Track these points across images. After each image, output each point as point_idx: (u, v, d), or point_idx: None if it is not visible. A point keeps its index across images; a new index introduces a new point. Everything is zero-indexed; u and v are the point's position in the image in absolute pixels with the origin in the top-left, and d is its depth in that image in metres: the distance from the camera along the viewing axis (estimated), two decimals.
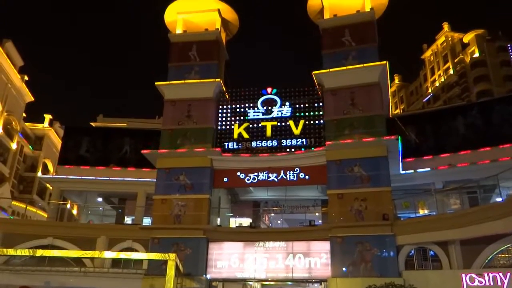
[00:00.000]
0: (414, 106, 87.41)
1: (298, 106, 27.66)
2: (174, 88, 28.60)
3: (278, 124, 27.46)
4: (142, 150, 27.39)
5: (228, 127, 28.07)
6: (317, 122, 27.03)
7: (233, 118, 28.27)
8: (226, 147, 27.32)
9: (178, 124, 27.93)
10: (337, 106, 26.09)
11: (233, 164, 26.77)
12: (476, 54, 75.02)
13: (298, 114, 27.43)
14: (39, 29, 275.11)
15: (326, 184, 24.96)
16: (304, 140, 26.66)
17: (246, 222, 28.60)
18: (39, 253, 20.44)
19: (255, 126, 27.75)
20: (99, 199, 31.55)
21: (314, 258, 23.63)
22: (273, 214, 30.28)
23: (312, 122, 27.11)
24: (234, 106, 28.58)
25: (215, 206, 27.12)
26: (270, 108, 28.00)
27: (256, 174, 26.40)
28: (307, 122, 27.09)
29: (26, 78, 52.54)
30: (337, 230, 23.21)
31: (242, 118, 28.14)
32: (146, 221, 27.92)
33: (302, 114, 27.41)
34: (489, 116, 26.65)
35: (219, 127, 28.15)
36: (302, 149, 26.25)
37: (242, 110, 28.38)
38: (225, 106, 28.66)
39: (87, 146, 31.67)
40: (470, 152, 25.64)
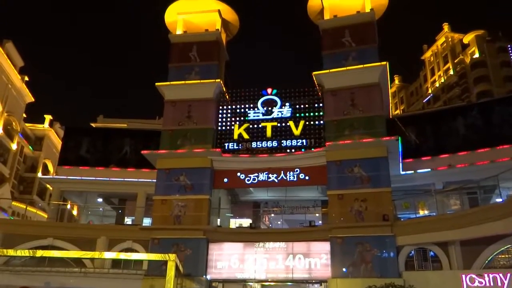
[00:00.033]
0: (414, 107, 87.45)
1: (298, 106, 27.67)
2: (175, 88, 28.61)
3: (278, 124, 27.47)
4: (142, 150, 27.41)
5: (228, 128, 28.08)
6: (317, 122, 27.04)
7: (233, 119, 28.29)
8: (226, 148, 27.33)
9: (178, 124, 27.95)
10: (337, 106, 26.10)
11: (233, 164, 26.78)
12: (476, 55, 75.04)
13: (298, 115, 27.45)
14: (39, 29, 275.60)
15: (326, 184, 24.97)
16: (304, 140, 26.67)
17: (246, 222, 28.65)
18: (39, 253, 20.41)
19: (255, 126, 27.76)
20: (99, 200, 31.55)
21: (314, 259, 23.62)
22: (273, 215, 30.30)
23: (312, 122, 27.12)
24: (234, 107, 28.59)
25: (215, 207, 27.13)
26: (270, 108, 28.01)
27: (256, 174, 26.41)
28: (307, 123, 27.10)
29: (27, 78, 52.54)
30: (337, 230, 23.21)
31: (242, 118, 28.15)
32: (146, 221, 27.91)
33: (302, 114, 27.42)
34: (489, 116, 26.68)
35: (219, 128, 28.17)
36: (302, 149, 26.26)
37: (242, 110, 28.39)
38: (225, 107, 28.68)
39: (87, 147, 31.68)
40: (470, 152, 25.65)
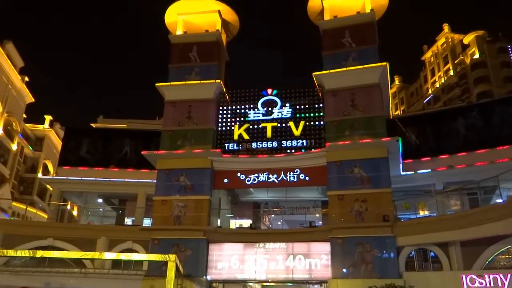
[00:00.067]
0: (415, 107, 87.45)
1: (298, 107, 27.68)
2: (175, 89, 28.62)
3: (279, 125, 27.47)
4: (142, 151, 27.42)
5: (228, 128, 28.08)
6: (317, 123, 27.05)
7: (233, 119, 28.29)
8: (226, 148, 27.32)
9: (178, 125, 27.95)
10: (337, 107, 26.10)
11: (233, 165, 26.77)
12: (476, 55, 75.05)
13: (298, 115, 27.45)
14: (40, 30, 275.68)
15: (327, 185, 24.96)
16: (304, 141, 26.66)
17: (246, 223, 28.63)
18: (39, 254, 20.38)
19: (256, 127, 27.76)
20: (99, 200, 31.55)
21: (314, 259, 23.61)
22: (273, 215, 30.25)
23: (312, 123, 27.13)
24: (234, 107, 28.60)
25: (215, 207, 27.12)
26: (270, 109, 28.01)
27: (256, 175, 26.40)
28: (308, 123, 27.11)
29: (27, 79, 52.52)
30: (337, 231, 23.19)
31: (242, 119, 28.16)
32: (146, 222, 27.91)
33: (303, 115, 27.43)
34: (489, 117, 26.68)
35: (220, 128, 28.17)
36: (303, 150, 26.26)
37: (243, 111, 28.40)
38: (225, 107, 28.68)
39: (88, 147, 31.68)
40: (470, 153, 25.66)
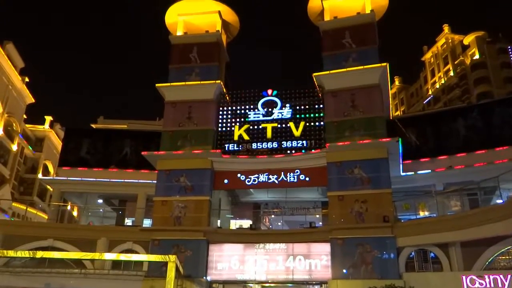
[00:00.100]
0: (415, 108, 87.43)
1: (298, 107, 27.68)
2: (175, 89, 28.63)
3: (279, 125, 27.47)
4: (143, 151, 27.43)
5: (228, 129, 28.09)
6: (317, 123, 27.05)
7: (233, 120, 28.30)
8: (226, 149, 27.33)
9: (178, 125, 27.95)
10: (337, 108, 26.10)
11: (233, 165, 26.78)
12: (476, 56, 75.08)
13: (298, 116, 27.46)
14: (40, 30, 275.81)
15: (327, 186, 24.96)
16: (304, 141, 26.67)
17: (246, 223, 28.60)
18: (39, 254, 20.36)
19: (256, 127, 27.77)
20: (100, 201, 31.58)
21: (314, 260, 23.61)
22: (273, 216, 30.24)
23: (312, 123, 27.13)
24: (234, 108, 28.60)
25: (216, 208, 27.14)
26: (270, 109, 28.01)
27: (256, 175, 26.40)
28: (308, 124, 27.11)
29: (27, 79, 52.56)
30: (337, 232, 23.18)
31: (242, 119, 28.16)
32: (147, 222, 27.91)
33: (303, 115, 27.44)
34: (489, 118, 26.69)
35: (220, 129, 28.18)
36: (303, 150, 26.26)
37: (243, 111, 28.40)
38: (225, 108, 28.69)
39: (88, 148, 31.71)
40: (470, 154, 25.67)
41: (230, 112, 28.58)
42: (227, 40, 32.67)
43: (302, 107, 27.64)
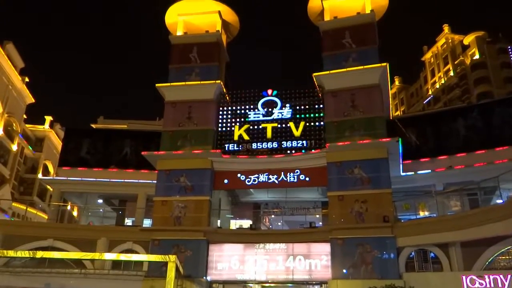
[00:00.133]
0: (415, 108, 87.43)
1: (298, 107, 27.69)
2: (175, 89, 28.64)
3: (279, 125, 27.48)
4: (143, 151, 27.43)
5: (228, 129, 28.10)
6: (317, 123, 27.05)
7: (233, 120, 28.30)
8: (226, 149, 27.33)
9: (178, 125, 27.96)
10: (337, 108, 26.11)
11: (233, 165, 26.78)
12: (476, 56, 75.08)
13: (298, 116, 27.47)
14: (40, 30, 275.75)
15: (327, 186, 24.96)
16: (304, 142, 26.67)
17: (246, 224, 28.60)
18: (39, 254, 20.37)
19: (256, 127, 27.77)
20: (100, 201, 31.58)
21: (314, 260, 23.61)
22: (273, 216, 30.24)
23: (312, 123, 27.14)
24: (234, 108, 28.60)
25: (216, 208, 27.14)
26: (270, 109, 28.02)
27: (256, 175, 26.40)
28: (308, 124, 27.11)
29: (27, 79, 52.55)
30: (337, 232, 23.18)
31: (242, 119, 28.16)
32: (147, 222, 27.91)
33: (303, 116, 27.44)
34: (489, 118, 26.70)
35: (220, 129, 28.18)
36: (303, 150, 26.26)
37: (243, 111, 28.40)
38: (225, 108, 28.69)
39: (88, 148, 31.72)
40: (470, 154, 25.68)
41: (230, 112, 28.58)
42: (227, 40, 32.67)
43: (302, 107, 27.64)
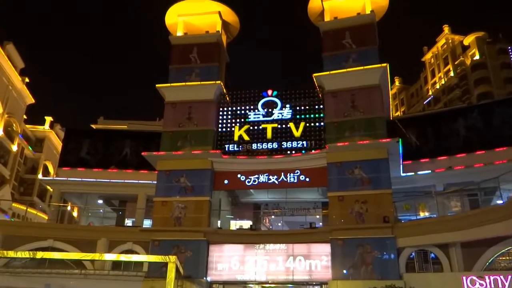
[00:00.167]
0: (415, 109, 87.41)
1: (298, 108, 27.69)
2: (175, 90, 28.64)
3: (279, 126, 27.47)
4: (143, 152, 27.43)
5: (228, 129, 28.10)
6: (317, 124, 27.05)
7: (233, 120, 28.31)
8: (226, 149, 27.33)
9: (178, 126, 27.95)
10: (337, 108, 26.11)
11: (233, 166, 26.77)
12: (476, 57, 75.06)
13: (298, 116, 27.47)
14: (40, 30, 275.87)
15: (327, 186, 24.96)
16: (304, 142, 26.67)
17: (246, 224, 28.59)
18: (40, 255, 20.38)
19: (256, 128, 27.77)
20: (100, 201, 31.56)
21: (314, 261, 23.60)
22: (273, 217, 30.24)
23: (312, 124, 27.13)
24: (234, 108, 28.60)
25: (216, 208, 27.13)
26: (270, 110, 28.01)
27: (256, 176, 26.40)
28: (308, 124, 27.11)
29: (27, 80, 52.58)
30: (337, 232, 23.18)
31: (242, 120, 28.17)
32: (147, 223, 27.90)
33: (303, 116, 27.44)
34: (489, 118, 26.70)
35: (220, 129, 28.18)
36: (303, 151, 26.26)
37: (243, 112, 28.40)
38: (225, 108, 28.69)
39: (88, 148, 31.71)
40: (470, 154, 25.68)
41: (230, 112, 28.58)
42: (227, 40, 32.68)
43: (302, 108, 27.64)
